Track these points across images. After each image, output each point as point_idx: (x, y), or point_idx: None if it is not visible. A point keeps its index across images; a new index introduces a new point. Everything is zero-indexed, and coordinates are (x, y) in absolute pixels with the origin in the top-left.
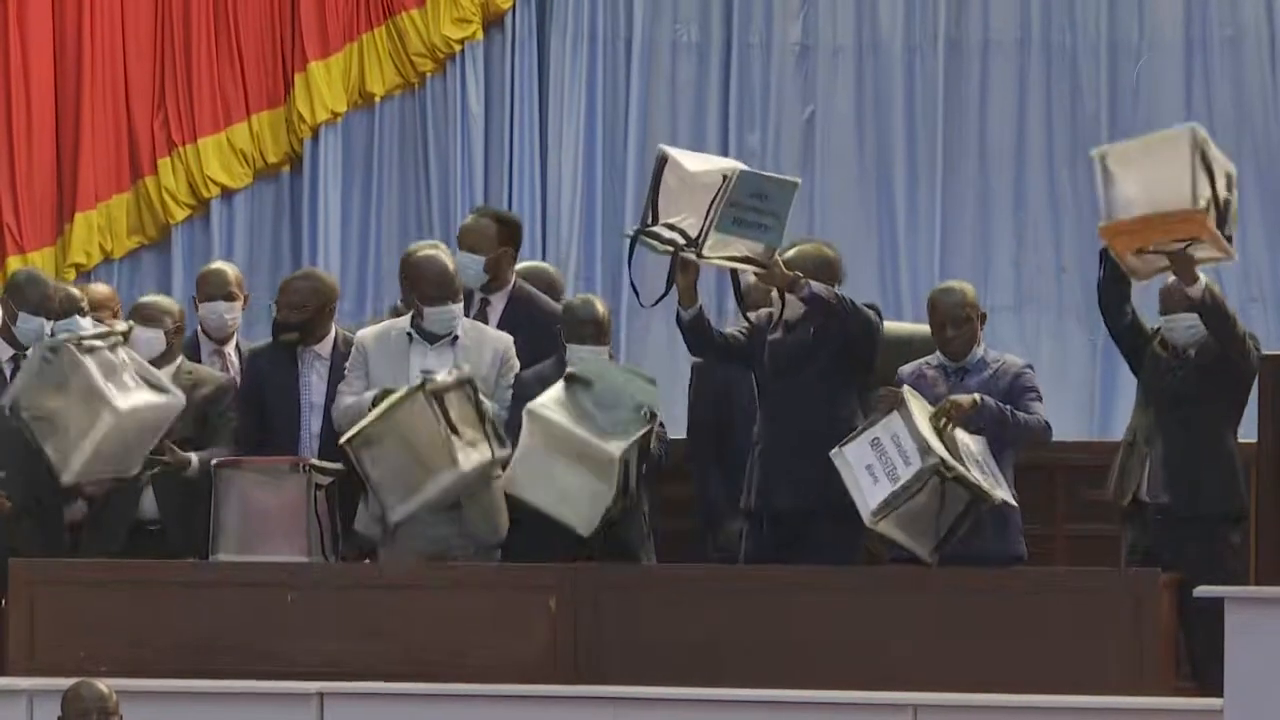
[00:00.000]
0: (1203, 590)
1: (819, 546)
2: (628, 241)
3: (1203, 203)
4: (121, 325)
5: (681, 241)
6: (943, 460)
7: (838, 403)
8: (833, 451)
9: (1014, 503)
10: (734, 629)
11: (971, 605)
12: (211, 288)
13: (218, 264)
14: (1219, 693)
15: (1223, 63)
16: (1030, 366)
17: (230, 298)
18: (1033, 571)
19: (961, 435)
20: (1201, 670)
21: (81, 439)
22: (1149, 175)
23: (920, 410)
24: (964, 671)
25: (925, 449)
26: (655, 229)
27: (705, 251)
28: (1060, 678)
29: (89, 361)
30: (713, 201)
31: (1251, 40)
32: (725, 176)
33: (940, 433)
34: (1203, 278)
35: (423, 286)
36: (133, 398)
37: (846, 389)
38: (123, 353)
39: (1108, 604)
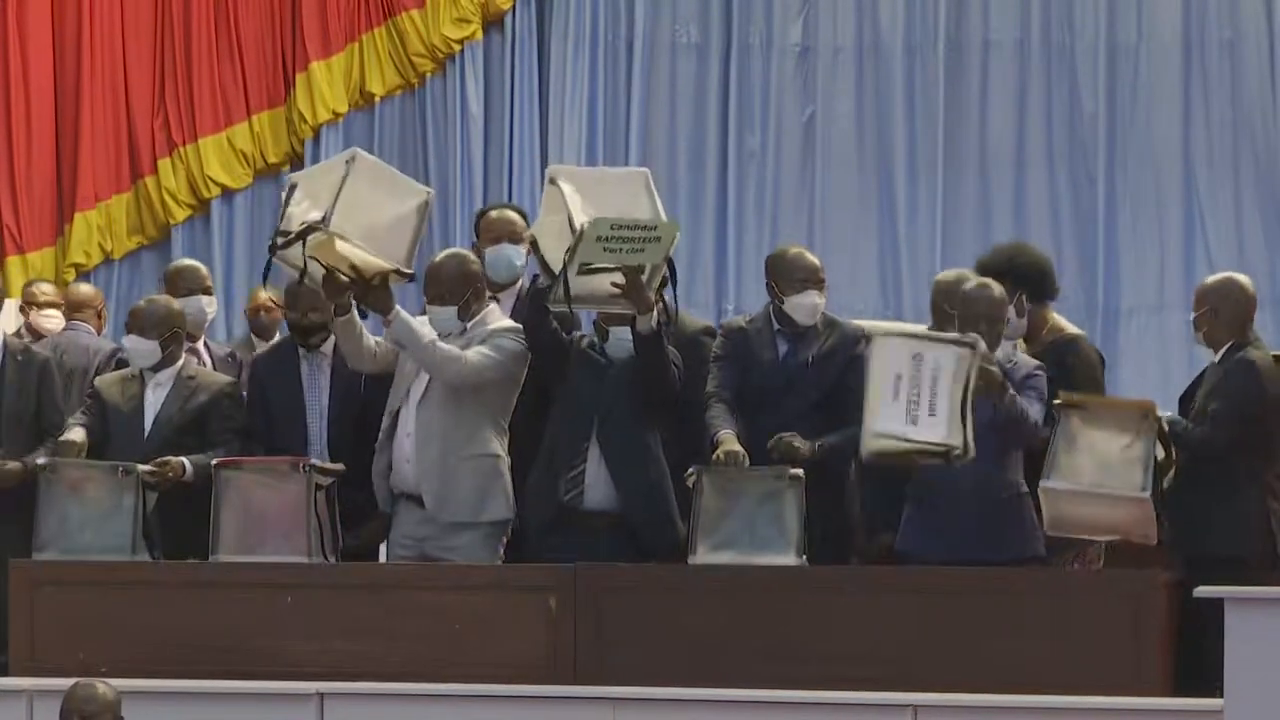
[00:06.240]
0: (1203, 590)
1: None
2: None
3: None
4: None
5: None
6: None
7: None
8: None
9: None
10: (734, 629)
11: (972, 605)
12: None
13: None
14: (1219, 693)
15: (1221, 64)
16: (1042, 369)
17: None
18: (1033, 572)
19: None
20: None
21: None
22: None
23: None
24: (964, 671)
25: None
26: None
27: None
28: (1060, 678)
29: None
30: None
31: (1250, 42)
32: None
33: (965, 400)
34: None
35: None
36: None
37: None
38: None
39: (1108, 604)
